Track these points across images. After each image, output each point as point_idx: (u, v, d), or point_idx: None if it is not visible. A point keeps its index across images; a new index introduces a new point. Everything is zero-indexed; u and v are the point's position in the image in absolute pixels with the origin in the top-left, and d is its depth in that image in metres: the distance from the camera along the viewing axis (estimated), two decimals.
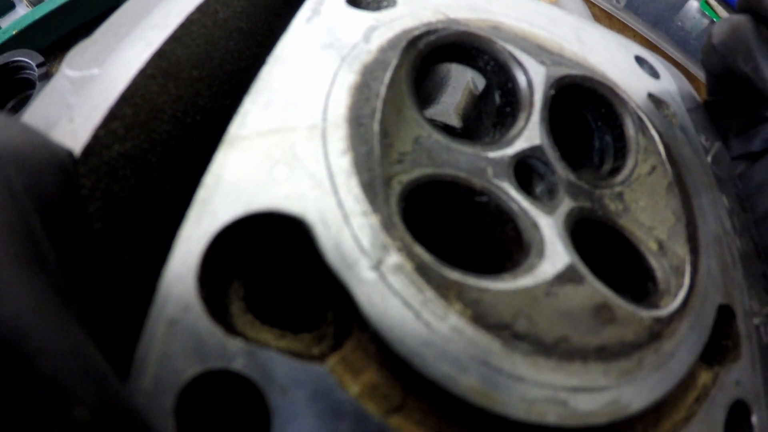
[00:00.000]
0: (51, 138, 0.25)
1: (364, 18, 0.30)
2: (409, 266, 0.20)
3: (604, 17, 0.68)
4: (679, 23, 0.66)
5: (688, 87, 0.41)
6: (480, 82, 0.46)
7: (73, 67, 0.30)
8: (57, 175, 0.23)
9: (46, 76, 0.53)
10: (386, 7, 0.32)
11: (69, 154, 0.25)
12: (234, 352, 0.18)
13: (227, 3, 0.36)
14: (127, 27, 0.31)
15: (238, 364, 0.18)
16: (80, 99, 0.28)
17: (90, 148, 0.26)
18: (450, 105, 0.45)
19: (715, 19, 0.68)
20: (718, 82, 0.41)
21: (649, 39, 0.68)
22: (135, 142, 0.29)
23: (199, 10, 0.32)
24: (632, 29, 0.67)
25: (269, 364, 0.18)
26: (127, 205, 0.29)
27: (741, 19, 0.37)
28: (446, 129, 0.43)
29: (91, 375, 0.14)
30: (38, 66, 0.54)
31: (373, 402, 0.19)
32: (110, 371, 0.16)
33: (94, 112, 0.27)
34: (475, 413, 0.19)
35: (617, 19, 0.67)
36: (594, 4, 0.69)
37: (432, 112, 0.44)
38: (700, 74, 0.70)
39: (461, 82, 0.47)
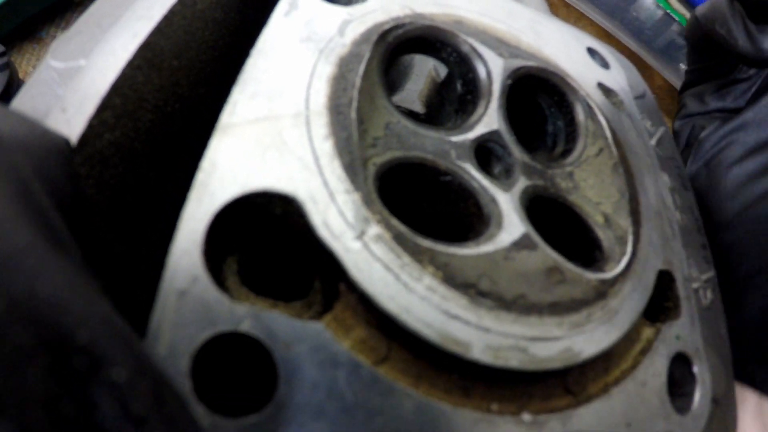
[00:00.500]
0: (49, 127, 0.27)
1: (338, 12, 0.33)
2: (387, 236, 0.24)
3: (561, 6, 0.73)
4: (635, 14, 0.72)
5: (636, 76, 0.46)
6: (442, 70, 0.50)
7: (58, 58, 0.32)
8: (60, 162, 0.25)
9: (7, 67, 0.54)
10: (358, 0, 0.36)
11: (66, 142, 0.28)
12: (241, 316, 0.22)
13: None
14: (110, 18, 0.34)
15: (246, 326, 0.21)
16: (70, 90, 0.30)
17: (85, 137, 0.28)
18: (414, 92, 0.49)
19: (669, 11, 0.74)
20: (698, 53, 0.52)
21: (605, 28, 0.73)
22: (123, 130, 0.32)
23: (181, 2, 0.35)
24: (589, 18, 0.73)
25: (272, 324, 0.22)
26: (117, 192, 0.32)
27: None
28: (411, 114, 0.47)
29: (122, 340, 0.16)
30: None
31: (363, 354, 0.23)
32: (136, 336, 0.19)
33: (86, 101, 0.29)
34: (449, 360, 0.24)
35: (574, 8, 0.72)
36: None
37: (398, 98, 0.48)
38: (654, 63, 0.76)
39: (424, 70, 0.51)
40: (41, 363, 0.14)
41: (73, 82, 0.30)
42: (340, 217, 0.24)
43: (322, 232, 0.24)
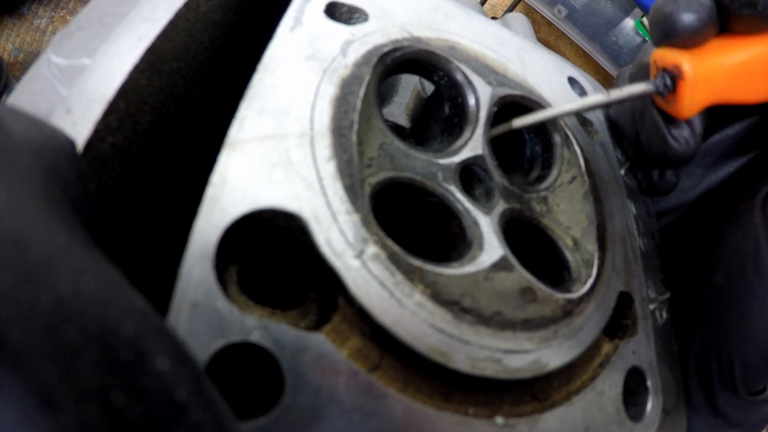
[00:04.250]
0: (56, 127, 0.29)
1: (340, 31, 0.37)
2: (383, 255, 0.28)
3: (545, 24, 0.78)
4: (614, 38, 0.78)
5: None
6: (427, 85, 0.54)
7: (60, 54, 0.34)
8: (70, 163, 0.28)
9: None
10: (359, 19, 0.39)
11: (72, 143, 0.30)
12: (251, 327, 0.25)
13: None
14: (113, 16, 0.36)
15: (255, 337, 0.25)
16: (75, 90, 0.32)
17: (90, 141, 0.31)
18: (400, 105, 0.53)
19: (647, 38, 0.80)
20: None
21: (585, 49, 0.79)
22: (124, 133, 0.34)
23: (186, 5, 0.37)
24: (569, 38, 0.78)
25: (279, 334, 0.25)
26: (114, 194, 0.34)
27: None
28: (398, 129, 0.51)
29: (162, 331, 0.18)
30: None
31: (358, 362, 0.26)
32: (171, 327, 0.21)
33: (92, 105, 0.31)
34: (434, 369, 0.28)
35: (556, 27, 0.77)
36: (536, 11, 0.79)
37: (385, 111, 0.51)
38: None
39: (410, 84, 0.55)
40: (91, 357, 0.16)
41: (78, 83, 0.32)
42: (342, 237, 0.28)
43: (325, 250, 0.27)
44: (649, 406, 0.38)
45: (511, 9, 0.85)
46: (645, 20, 0.87)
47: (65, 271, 0.18)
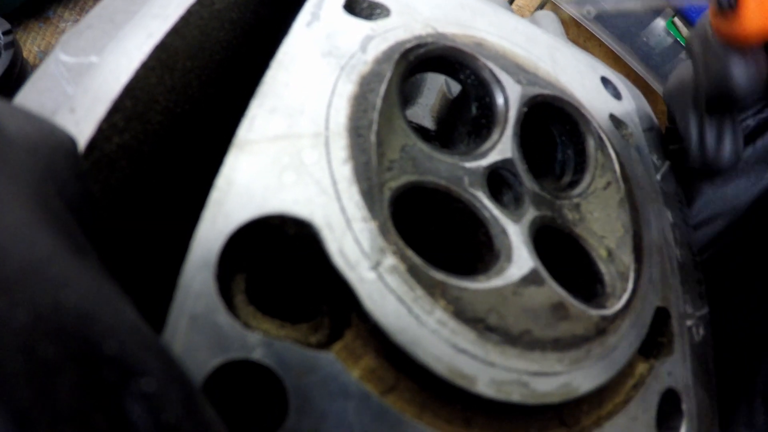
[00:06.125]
0: (56, 124, 0.27)
1: (360, 27, 0.34)
2: (402, 267, 0.25)
3: (573, 25, 0.74)
4: (645, 39, 0.73)
5: (646, 107, 0.48)
6: (453, 86, 0.51)
7: (68, 52, 0.32)
8: (68, 161, 0.25)
9: (13, 45, 0.52)
10: (380, 15, 0.36)
11: (73, 140, 0.27)
12: (253, 344, 0.22)
13: None
14: (124, 13, 0.34)
15: (258, 354, 0.22)
16: (80, 89, 0.30)
17: (94, 140, 0.28)
18: (426, 107, 0.50)
19: (678, 39, 0.76)
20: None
21: (615, 51, 0.75)
22: (132, 133, 0.32)
23: (199, 1, 0.34)
24: (598, 39, 0.74)
25: (285, 353, 0.22)
26: (121, 195, 0.32)
27: (686, 75, 0.44)
28: (423, 131, 0.48)
29: (151, 348, 0.16)
30: (4, 34, 0.53)
31: (371, 384, 0.23)
32: (165, 344, 0.19)
33: (96, 103, 0.29)
34: (454, 392, 0.25)
35: (585, 28, 0.73)
36: (565, 12, 0.75)
37: (409, 113, 0.48)
38: (659, 88, 0.78)
39: (435, 85, 0.51)
40: (70, 377, 0.14)
41: (84, 81, 0.30)
42: (356, 246, 0.25)
43: (338, 261, 0.24)
44: (683, 431, 0.35)
45: (539, 9, 0.82)
46: (676, 20, 0.82)
47: (45, 283, 0.16)
